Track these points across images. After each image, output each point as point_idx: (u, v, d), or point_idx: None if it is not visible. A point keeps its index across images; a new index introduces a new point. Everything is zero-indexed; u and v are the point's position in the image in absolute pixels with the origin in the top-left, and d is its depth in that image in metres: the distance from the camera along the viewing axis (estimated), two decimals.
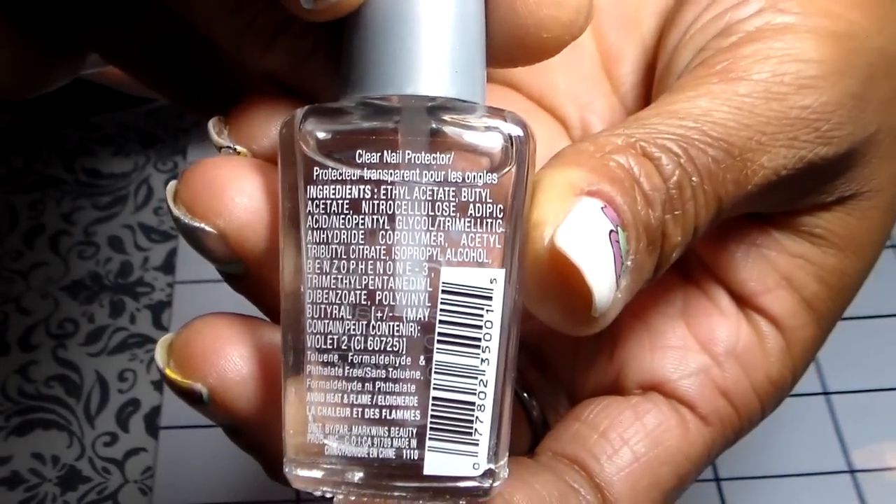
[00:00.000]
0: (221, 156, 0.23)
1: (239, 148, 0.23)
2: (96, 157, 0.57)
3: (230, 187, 0.22)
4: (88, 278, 0.53)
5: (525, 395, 0.27)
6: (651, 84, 0.28)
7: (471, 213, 0.20)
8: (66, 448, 0.47)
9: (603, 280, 0.20)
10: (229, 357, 0.22)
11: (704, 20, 0.25)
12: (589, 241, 0.20)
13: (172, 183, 0.22)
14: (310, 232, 0.20)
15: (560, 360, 0.27)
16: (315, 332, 0.20)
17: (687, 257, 0.25)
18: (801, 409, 0.48)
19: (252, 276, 0.23)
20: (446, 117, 0.20)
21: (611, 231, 0.21)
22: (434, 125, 0.20)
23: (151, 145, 0.57)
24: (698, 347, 0.26)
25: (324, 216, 0.20)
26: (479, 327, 0.20)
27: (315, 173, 0.20)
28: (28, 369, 0.50)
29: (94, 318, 0.52)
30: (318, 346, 0.20)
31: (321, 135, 0.20)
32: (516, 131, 0.20)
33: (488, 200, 0.20)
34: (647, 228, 0.22)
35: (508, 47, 0.21)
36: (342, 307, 0.20)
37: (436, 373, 0.20)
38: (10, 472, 0.46)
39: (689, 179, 0.22)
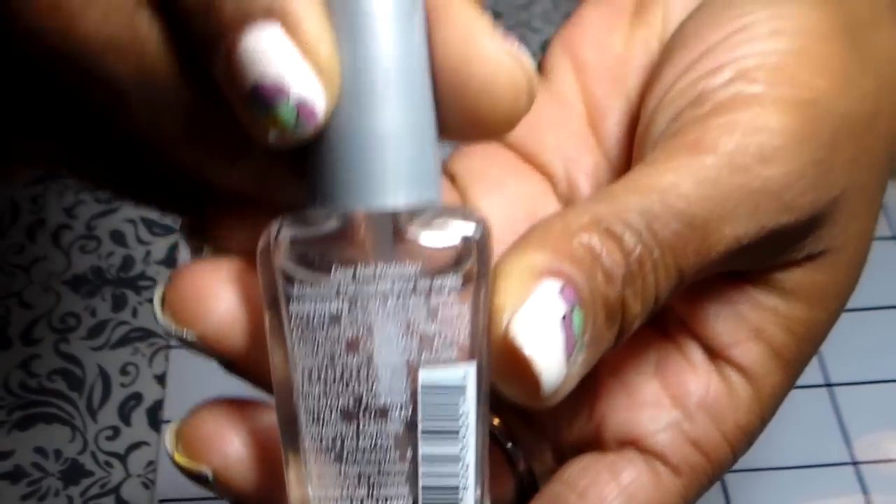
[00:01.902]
0: (201, 261, 0.24)
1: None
2: None
3: (208, 296, 0.24)
4: (90, 272, 0.53)
5: (510, 445, 0.29)
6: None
7: (441, 317, 0.21)
8: (69, 442, 0.47)
9: (551, 366, 0.22)
10: (230, 442, 0.25)
11: (680, 86, 0.27)
12: (540, 328, 0.22)
13: (160, 290, 0.24)
14: (296, 345, 0.22)
15: (544, 415, 0.29)
16: (311, 435, 0.22)
17: (663, 313, 0.27)
18: (803, 401, 0.48)
19: (238, 368, 0.25)
20: (410, 225, 0.21)
21: (564, 315, 0.22)
22: (400, 234, 0.21)
23: None
24: (670, 403, 0.27)
25: (307, 331, 0.21)
26: (457, 419, 0.22)
27: (295, 292, 0.21)
28: (30, 363, 0.50)
29: (96, 312, 0.52)
30: (315, 448, 0.22)
31: (296, 252, 0.22)
32: (474, 228, 0.22)
33: (455, 303, 0.21)
34: (606, 303, 0.23)
35: (461, 131, 0.22)
36: (333, 411, 0.22)
37: (422, 464, 0.22)
38: (13, 467, 0.46)
39: (650, 253, 0.24)
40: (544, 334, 0.22)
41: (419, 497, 0.22)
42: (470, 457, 0.22)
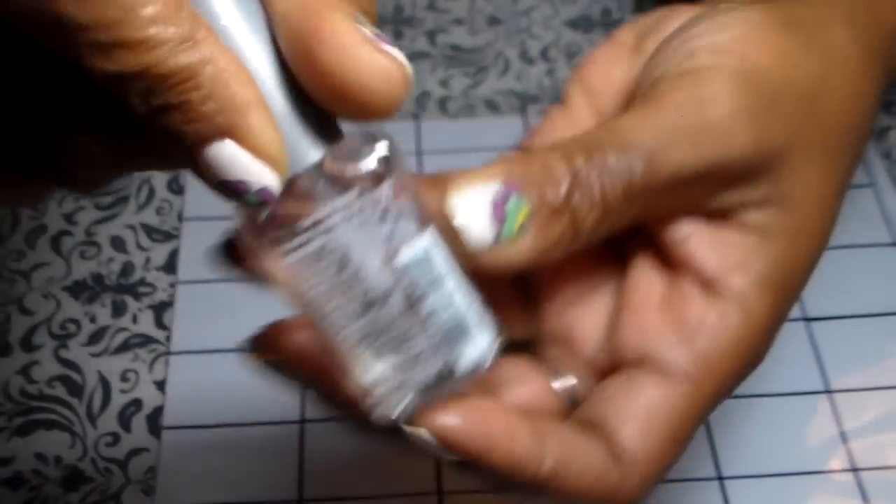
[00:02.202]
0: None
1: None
2: None
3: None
4: (90, 278, 0.53)
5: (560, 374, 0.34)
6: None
7: (389, 217, 0.27)
8: (69, 448, 0.47)
9: (476, 233, 0.29)
10: (289, 335, 0.31)
11: (643, 78, 0.33)
12: (472, 204, 0.29)
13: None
14: (300, 285, 0.27)
15: (581, 343, 0.35)
16: (344, 339, 0.28)
17: (663, 254, 0.33)
18: (804, 407, 0.48)
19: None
20: (332, 166, 0.26)
21: (499, 197, 0.29)
22: (332, 176, 0.26)
23: None
24: (673, 329, 0.32)
25: (303, 272, 0.27)
26: (438, 271, 0.28)
27: (282, 249, 0.26)
28: (30, 370, 0.50)
29: (96, 318, 0.52)
30: (351, 346, 0.28)
31: (267, 224, 0.26)
32: (385, 148, 0.27)
33: (394, 203, 0.27)
34: (553, 201, 0.30)
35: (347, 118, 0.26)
36: (352, 316, 0.28)
37: (430, 317, 0.28)
38: (13, 473, 0.46)
39: (598, 173, 0.30)
40: (474, 209, 0.29)
41: (439, 342, 0.28)
42: (458, 290, 0.28)
